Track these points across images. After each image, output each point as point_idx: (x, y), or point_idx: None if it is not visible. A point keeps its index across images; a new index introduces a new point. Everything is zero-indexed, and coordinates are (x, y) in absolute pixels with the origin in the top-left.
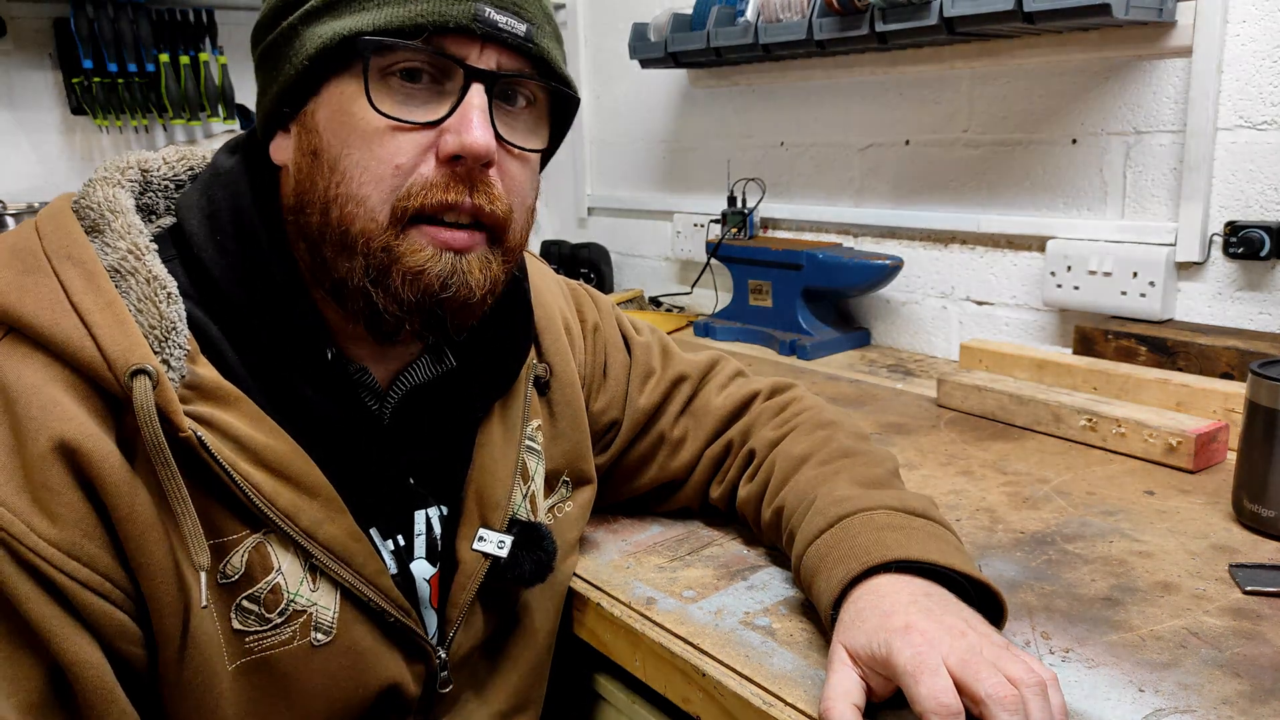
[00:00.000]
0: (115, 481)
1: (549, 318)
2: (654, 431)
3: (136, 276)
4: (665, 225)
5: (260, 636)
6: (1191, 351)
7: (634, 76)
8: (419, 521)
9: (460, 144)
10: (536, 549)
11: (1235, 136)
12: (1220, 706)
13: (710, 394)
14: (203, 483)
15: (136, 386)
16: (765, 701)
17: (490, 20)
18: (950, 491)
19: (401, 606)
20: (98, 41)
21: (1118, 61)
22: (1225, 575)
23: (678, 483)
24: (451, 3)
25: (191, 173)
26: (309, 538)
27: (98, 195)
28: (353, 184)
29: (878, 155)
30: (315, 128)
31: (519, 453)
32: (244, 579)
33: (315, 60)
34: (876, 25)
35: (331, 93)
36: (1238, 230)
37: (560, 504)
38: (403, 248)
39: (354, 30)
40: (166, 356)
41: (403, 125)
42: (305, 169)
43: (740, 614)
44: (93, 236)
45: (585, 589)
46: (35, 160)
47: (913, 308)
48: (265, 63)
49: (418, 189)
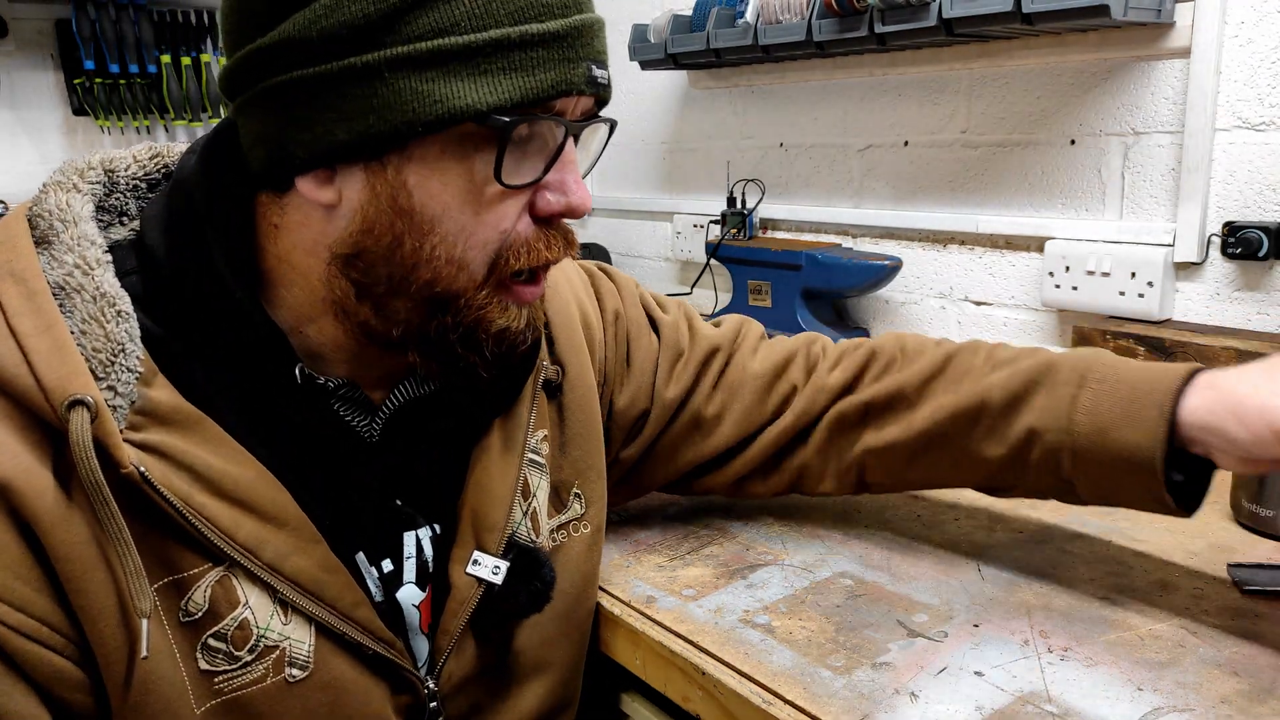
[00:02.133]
0: (51, 520)
1: (564, 312)
2: (687, 413)
3: (83, 294)
4: (665, 226)
5: (230, 676)
6: (1190, 352)
7: (634, 77)
8: (409, 544)
9: (568, 205)
10: (534, 578)
11: (1233, 137)
12: (1219, 705)
13: (744, 360)
14: (154, 517)
15: (73, 420)
16: (765, 700)
17: (595, 78)
18: (948, 490)
19: (383, 639)
20: (99, 42)
21: (1116, 62)
22: (1223, 575)
23: (713, 463)
24: (571, 66)
25: (165, 170)
26: (273, 571)
27: (50, 203)
28: (456, 248)
29: (877, 156)
30: (403, 185)
31: (520, 468)
32: (208, 615)
33: (428, 126)
34: (875, 27)
35: (427, 152)
36: (1236, 231)
37: (574, 522)
38: (493, 310)
39: (487, 105)
40: (113, 382)
41: (510, 190)
42: (384, 222)
43: (740, 612)
44: (41, 249)
45: None
46: (37, 161)
47: (911, 308)
48: (307, 90)
49: (520, 250)
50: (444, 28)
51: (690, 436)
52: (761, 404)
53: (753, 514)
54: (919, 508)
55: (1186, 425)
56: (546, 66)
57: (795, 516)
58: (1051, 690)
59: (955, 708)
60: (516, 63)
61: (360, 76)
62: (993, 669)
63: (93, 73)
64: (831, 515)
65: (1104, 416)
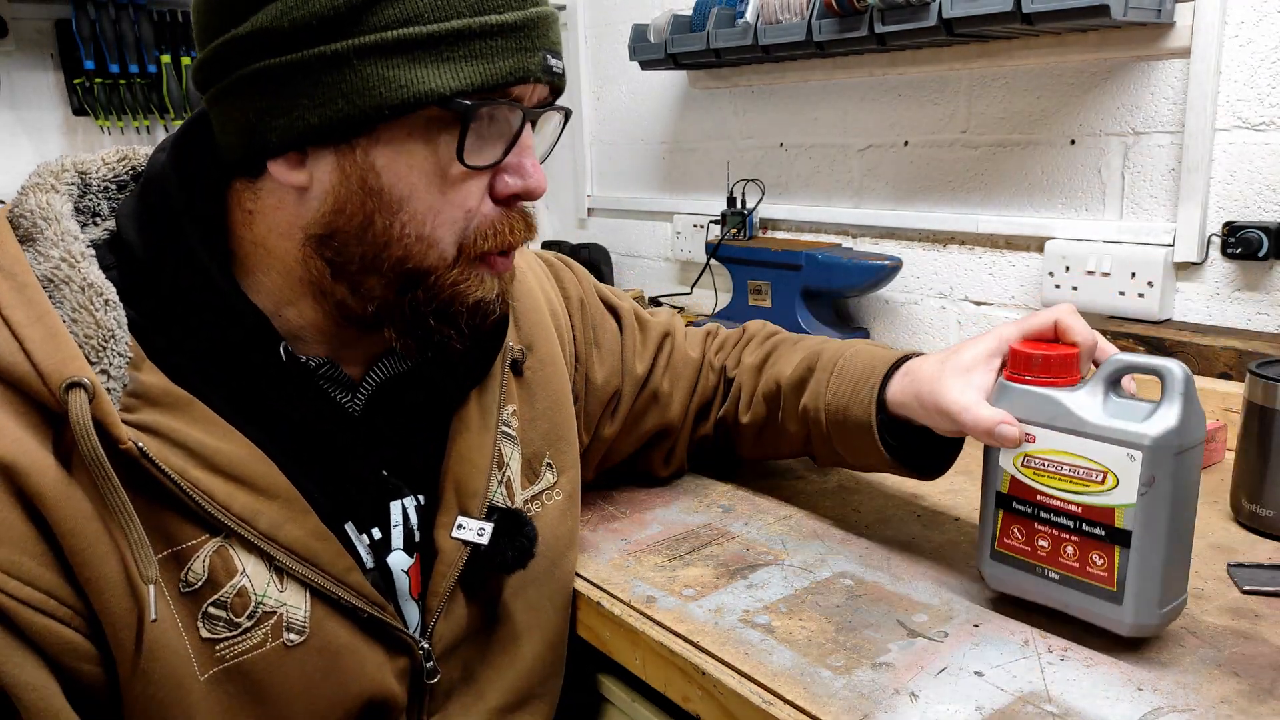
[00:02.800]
0: (55, 497)
1: (528, 296)
2: (648, 389)
3: (71, 285)
4: (665, 226)
5: (231, 642)
6: (1190, 351)
7: (634, 77)
8: (395, 512)
9: (524, 187)
10: (518, 535)
11: (1233, 137)
12: (1218, 705)
13: (682, 345)
14: (152, 492)
15: (72, 400)
16: (765, 700)
17: (550, 67)
18: (949, 491)
19: (375, 602)
20: (99, 42)
21: (1116, 62)
22: (1223, 575)
23: (672, 430)
24: (529, 55)
25: (133, 172)
26: (269, 540)
27: (31, 203)
28: (424, 226)
29: (877, 156)
30: (371, 166)
31: (495, 439)
32: (207, 585)
33: (392, 108)
34: (875, 27)
35: (394, 135)
36: (1236, 231)
37: (547, 491)
38: (470, 284)
39: (450, 90)
40: (105, 366)
41: (472, 171)
42: (355, 202)
43: (740, 612)
44: (26, 246)
45: (585, 588)
46: (37, 161)
47: (911, 308)
48: (280, 78)
49: (485, 232)
50: (408, 18)
51: (650, 408)
52: (697, 379)
53: (753, 514)
54: (918, 507)
55: (891, 405)
56: (505, 54)
57: (795, 516)
58: (1051, 690)
59: (955, 708)
60: (477, 51)
61: (330, 64)
62: (993, 669)
63: (93, 72)
64: (831, 515)
65: (842, 398)
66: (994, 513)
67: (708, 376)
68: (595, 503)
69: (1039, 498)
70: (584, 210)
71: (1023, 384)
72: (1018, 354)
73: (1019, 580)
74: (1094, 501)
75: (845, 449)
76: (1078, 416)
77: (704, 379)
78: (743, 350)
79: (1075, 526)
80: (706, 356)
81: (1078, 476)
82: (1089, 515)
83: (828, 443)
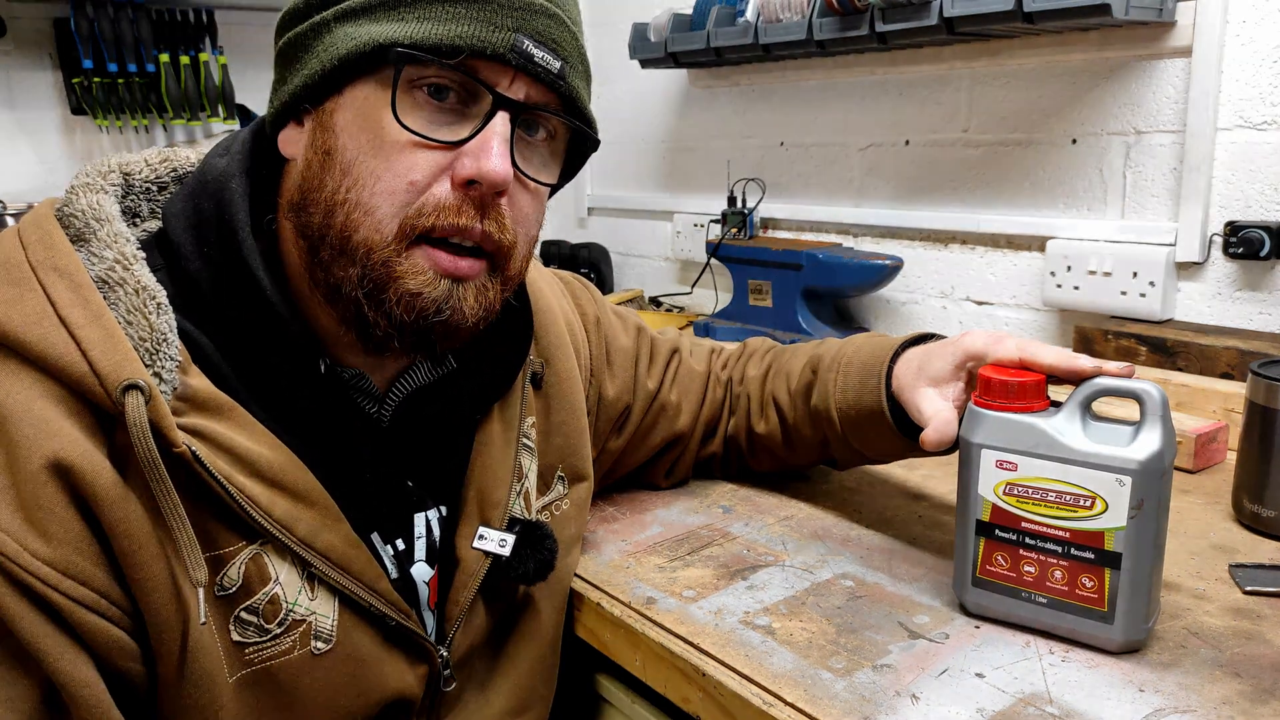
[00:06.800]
0: (109, 498)
1: (547, 312)
2: (657, 403)
3: (125, 287)
4: (665, 225)
5: (260, 647)
6: (1191, 351)
7: (634, 76)
8: (419, 524)
9: (479, 169)
10: (540, 547)
11: (1235, 136)
12: (1220, 706)
13: (688, 360)
14: (198, 496)
15: (129, 402)
16: (765, 701)
17: (527, 53)
18: (949, 491)
19: (402, 609)
20: (98, 41)
21: (1117, 61)
22: (1225, 575)
23: (681, 439)
24: (492, 29)
25: (175, 174)
26: (307, 546)
27: (82, 202)
28: (364, 191)
29: (877, 155)
30: (332, 127)
31: (517, 451)
32: (241, 591)
33: (345, 61)
34: (876, 25)
35: (355, 95)
36: (1237, 230)
37: (557, 501)
38: (403, 267)
39: (391, 39)
40: (158, 369)
41: (423, 142)
42: (315, 166)
43: (740, 614)
44: (78, 246)
45: (585, 589)
46: (35, 160)
47: (912, 308)
48: (289, 52)
49: (430, 209)
50: None
51: (659, 420)
52: (705, 393)
53: (753, 515)
54: (919, 508)
55: (897, 389)
56: (462, 21)
57: (796, 517)
58: (1053, 691)
59: (956, 709)
60: (434, 14)
61: (317, 31)
62: (994, 670)
63: (91, 72)
64: (832, 516)
65: (851, 392)
66: (974, 541)
67: (715, 390)
68: (595, 503)
69: (1024, 524)
70: (584, 209)
71: (995, 410)
72: (989, 380)
73: (1004, 605)
74: (1083, 526)
75: (862, 442)
76: (1061, 443)
77: (711, 391)
78: (746, 363)
79: (1064, 551)
80: (713, 370)
81: (1064, 503)
82: (1078, 540)
83: (844, 441)
